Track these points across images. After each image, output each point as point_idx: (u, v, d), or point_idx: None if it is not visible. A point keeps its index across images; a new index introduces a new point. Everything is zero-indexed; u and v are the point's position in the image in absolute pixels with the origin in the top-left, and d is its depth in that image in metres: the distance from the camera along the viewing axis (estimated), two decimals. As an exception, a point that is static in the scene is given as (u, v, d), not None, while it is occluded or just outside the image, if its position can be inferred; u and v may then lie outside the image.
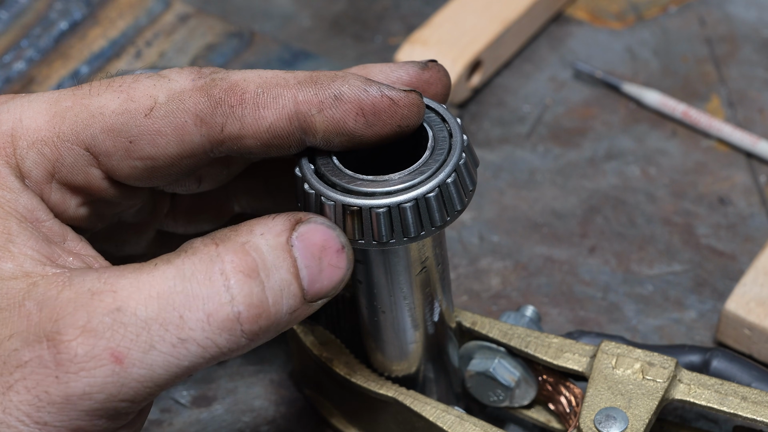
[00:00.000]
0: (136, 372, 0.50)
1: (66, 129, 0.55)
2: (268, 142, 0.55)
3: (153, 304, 0.50)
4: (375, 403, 0.65)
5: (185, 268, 0.51)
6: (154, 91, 0.55)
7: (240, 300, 0.51)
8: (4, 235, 0.53)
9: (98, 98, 0.55)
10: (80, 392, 0.50)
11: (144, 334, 0.50)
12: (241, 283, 0.51)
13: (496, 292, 0.77)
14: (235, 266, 0.51)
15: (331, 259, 0.53)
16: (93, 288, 0.51)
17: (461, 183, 0.55)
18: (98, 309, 0.50)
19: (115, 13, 0.91)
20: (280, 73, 0.55)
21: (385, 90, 0.54)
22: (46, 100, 0.56)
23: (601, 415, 0.61)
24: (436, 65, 0.59)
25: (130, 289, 0.51)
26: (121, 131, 0.55)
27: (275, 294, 0.52)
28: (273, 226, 0.53)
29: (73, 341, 0.50)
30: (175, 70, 0.56)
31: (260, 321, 0.52)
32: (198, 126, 0.55)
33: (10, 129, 0.55)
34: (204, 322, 0.51)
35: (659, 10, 0.93)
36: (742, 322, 0.72)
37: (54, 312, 0.50)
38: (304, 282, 0.53)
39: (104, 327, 0.50)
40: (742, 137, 0.84)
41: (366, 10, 0.93)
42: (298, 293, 0.53)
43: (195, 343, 0.51)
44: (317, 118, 0.54)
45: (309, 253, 0.53)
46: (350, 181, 0.55)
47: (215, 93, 0.54)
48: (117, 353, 0.50)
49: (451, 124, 0.57)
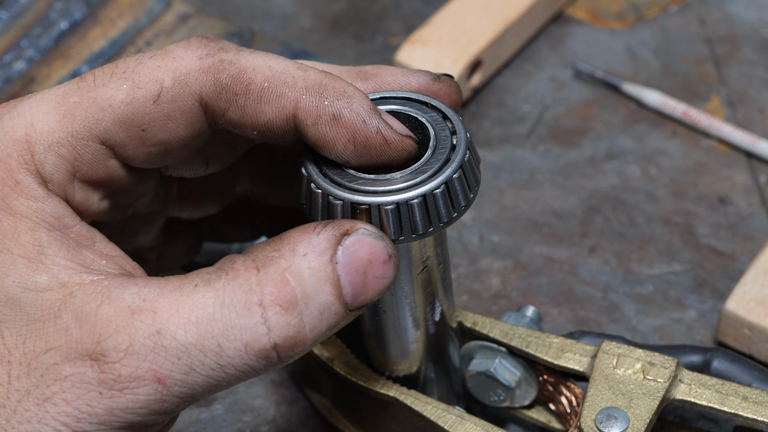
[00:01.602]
0: (178, 390, 0.51)
1: (78, 126, 0.54)
2: (264, 133, 0.55)
3: (192, 330, 0.51)
4: (376, 403, 0.65)
5: (225, 296, 0.51)
6: (159, 74, 0.54)
7: (276, 333, 0.51)
8: (35, 247, 0.53)
9: (104, 89, 0.54)
10: (124, 407, 0.51)
11: (185, 358, 0.51)
12: (278, 316, 0.51)
13: (496, 291, 0.77)
14: (273, 299, 0.51)
15: (376, 271, 0.53)
16: (133, 306, 0.51)
17: (466, 179, 0.55)
18: (140, 331, 0.51)
19: (115, 13, 0.91)
20: (291, 69, 0.54)
21: (382, 128, 0.54)
22: (53, 98, 0.55)
23: (602, 415, 0.61)
24: (448, 80, 0.59)
25: (170, 311, 0.51)
26: (132, 121, 0.54)
27: (314, 319, 0.52)
28: (317, 243, 0.52)
29: (116, 363, 0.50)
30: (181, 45, 0.55)
31: (296, 348, 0.52)
32: (202, 106, 0.55)
33: (24, 135, 0.54)
34: (242, 351, 0.51)
35: (659, 10, 0.93)
36: (742, 322, 0.72)
37: (95, 331, 0.51)
38: (347, 298, 0.53)
39: (146, 350, 0.50)
40: (742, 137, 0.84)
41: (366, 10, 0.93)
42: (341, 311, 0.53)
43: (233, 368, 0.51)
44: (310, 129, 0.54)
45: (354, 269, 0.53)
46: (353, 180, 0.55)
47: (222, 78, 0.54)
48: (160, 375, 0.51)
49: (454, 122, 0.57)
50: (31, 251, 0.52)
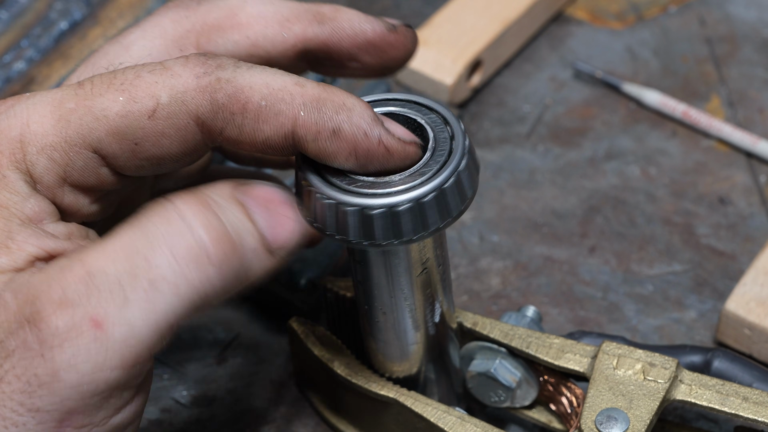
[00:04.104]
0: (117, 332, 0.50)
1: (72, 133, 0.55)
2: (263, 150, 0.55)
3: (119, 257, 0.51)
4: (376, 404, 0.65)
5: (142, 221, 0.52)
6: (156, 90, 0.54)
7: (198, 225, 0.52)
8: (4, 233, 0.53)
9: (101, 99, 0.54)
10: (66, 365, 0.50)
11: (117, 290, 0.50)
12: (197, 212, 0.52)
13: (496, 292, 0.77)
14: (188, 205, 0.52)
15: (279, 208, 0.54)
16: (62, 264, 0.51)
17: (460, 187, 0.55)
18: (70, 279, 0.50)
19: (115, 13, 0.91)
20: (288, 84, 0.54)
21: (384, 138, 0.54)
22: (50, 101, 0.55)
23: (602, 416, 0.61)
24: (404, 30, 0.60)
25: (97, 254, 0.51)
26: (126, 134, 0.54)
27: (234, 226, 0.53)
28: (219, 184, 0.54)
29: (52, 316, 0.50)
30: (179, 62, 0.55)
31: (224, 247, 0.52)
32: (199, 126, 0.55)
33: (18, 135, 0.54)
34: (169, 257, 0.51)
35: (659, 10, 0.93)
36: (742, 322, 0.72)
37: (29, 294, 0.51)
38: (261, 226, 0.54)
39: (79, 295, 0.50)
40: (742, 137, 0.84)
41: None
42: (256, 234, 0.53)
43: (165, 282, 0.51)
44: (311, 144, 0.54)
45: (255, 203, 0.54)
46: (351, 182, 0.55)
47: (218, 98, 0.54)
48: (95, 317, 0.50)
49: (453, 128, 0.56)
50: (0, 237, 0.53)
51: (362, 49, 0.60)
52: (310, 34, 0.60)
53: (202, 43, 0.60)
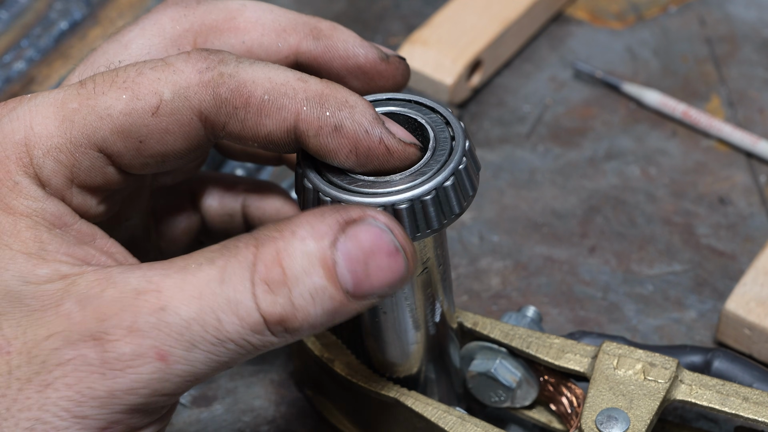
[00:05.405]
0: (180, 368, 0.51)
1: (76, 133, 0.54)
2: (265, 145, 0.55)
3: (194, 305, 0.51)
4: (376, 404, 0.65)
5: (225, 272, 0.51)
6: (159, 86, 0.54)
7: (264, 309, 0.51)
8: (36, 243, 0.53)
9: (104, 98, 0.54)
10: (126, 388, 0.50)
11: (186, 334, 0.50)
12: (265, 294, 0.51)
13: (496, 292, 0.77)
14: (262, 277, 0.51)
15: (380, 262, 0.52)
16: (138, 287, 0.51)
17: (460, 187, 0.55)
18: (143, 309, 0.50)
19: (115, 13, 0.91)
20: (291, 79, 0.54)
21: (385, 137, 0.54)
22: (53, 102, 0.55)
23: (602, 416, 0.61)
24: (396, 62, 0.59)
25: (173, 289, 0.51)
26: (130, 132, 0.54)
27: (304, 301, 0.51)
28: (319, 228, 0.51)
29: (119, 341, 0.50)
30: (181, 58, 0.55)
31: (286, 325, 0.52)
32: (202, 121, 0.55)
33: (23, 138, 0.54)
34: (237, 325, 0.51)
35: (659, 10, 0.93)
36: (742, 322, 0.72)
37: (99, 312, 0.51)
38: (347, 285, 0.51)
39: (149, 326, 0.50)
40: (742, 137, 0.84)
41: (366, 10, 0.93)
42: (337, 296, 0.52)
43: (232, 342, 0.51)
44: (312, 140, 0.54)
45: (353, 256, 0.51)
46: (351, 181, 0.55)
47: (221, 92, 0.54)
48: (161, 351, 0.50)
49: (454, 128, 0.57)
50: (31, 247, 0.52)
51: (351, 72, 0.60)
52: (304, 48, 0.60)
53: (199, 44, 0.60)
